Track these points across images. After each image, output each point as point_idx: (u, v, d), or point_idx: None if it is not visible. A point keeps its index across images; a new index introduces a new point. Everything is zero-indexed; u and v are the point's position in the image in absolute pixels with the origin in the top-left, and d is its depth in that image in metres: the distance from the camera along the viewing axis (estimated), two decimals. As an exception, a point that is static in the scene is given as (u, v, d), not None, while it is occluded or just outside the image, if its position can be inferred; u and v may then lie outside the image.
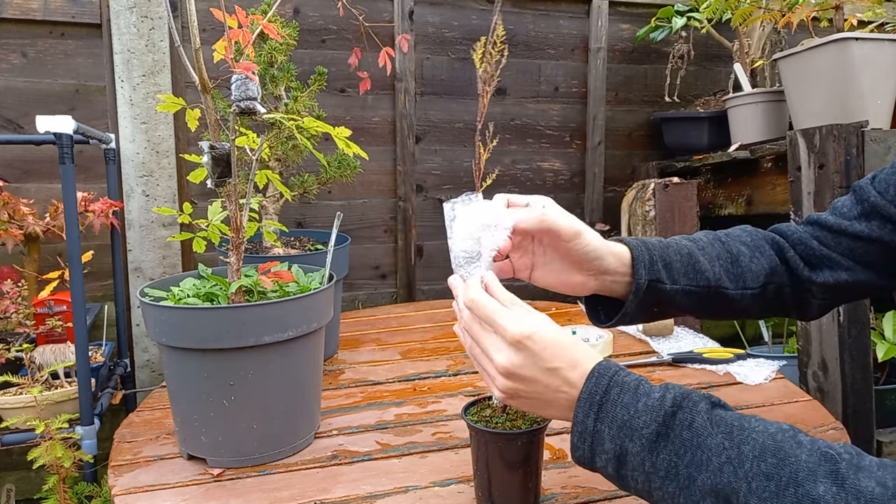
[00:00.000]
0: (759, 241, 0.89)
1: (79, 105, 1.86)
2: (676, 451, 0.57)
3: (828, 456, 0.51)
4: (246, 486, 0.93)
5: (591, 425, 0.61)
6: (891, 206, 0.81)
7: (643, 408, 0.59)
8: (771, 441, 0.54)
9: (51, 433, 1.24)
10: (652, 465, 0.58)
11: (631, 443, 0.59)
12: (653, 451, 0.58)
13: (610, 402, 0.61)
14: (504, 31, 0.75)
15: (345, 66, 1.91)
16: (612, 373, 0.63)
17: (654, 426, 0.58)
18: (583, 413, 0.62)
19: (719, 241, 0.88)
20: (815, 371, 1.62)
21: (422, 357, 1.49)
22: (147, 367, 1.92)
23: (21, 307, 1.48)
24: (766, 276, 0.86)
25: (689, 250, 0.85)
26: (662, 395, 0.60)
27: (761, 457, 0.53)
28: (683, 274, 0.83)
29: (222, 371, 0.94)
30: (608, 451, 0.60)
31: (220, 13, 0.86)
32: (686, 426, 0.57)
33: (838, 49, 1.61)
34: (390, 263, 2.24)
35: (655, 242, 0.84)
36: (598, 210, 2.40)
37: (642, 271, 0.80)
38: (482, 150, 0.78)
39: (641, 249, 0.82)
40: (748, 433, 0.55)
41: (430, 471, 0.96)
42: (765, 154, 1.86)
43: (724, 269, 0.85)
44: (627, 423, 0.59)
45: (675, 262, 0.83)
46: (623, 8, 2.36)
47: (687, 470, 0.56)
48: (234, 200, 0.95)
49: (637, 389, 0.61)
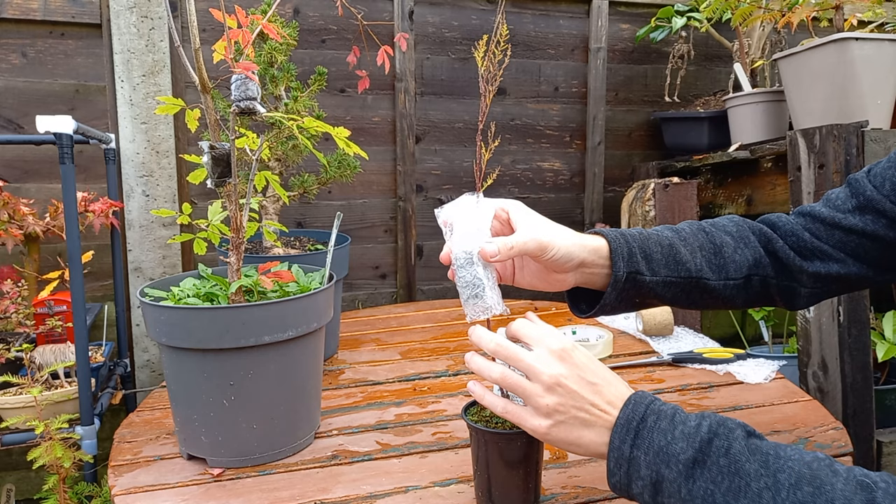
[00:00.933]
0: (745, 232, 0.88)
1: (79, 105, 1.86)
2: (713, 478, 0.57)
3: (864, 485, 0.51)
4: (246, 486, 0.93)
5: (627, 451, 0.61)
6: (886, 200, 0.80)
7: (680, 435, 0.59)
8: (807, 469, 0.54)
9: (51, 433, 1.24)
10: (688, 493, 0.57)
11: (667, 469, 0.59)
12: (689, 478, 0.58)
13: (647, 428, 0.61)
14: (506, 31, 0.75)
15: (345, 66, 1.91)
16: (649, 401, 0.64)
17: (691, 452, 0.58)
18: (619, 439, 0.62)
19: (703, 231, 0.88)
20: (815, 371, 1.62)
21: (422, 357, 1.49)
22: (147, 367, 1.92)
23: (21, 307, 1.48)
24: (748, 268, 0.86)
25: (670, 241, 0.84)
26: (699, 422, 0.60)
27: (797, 485, 0.53)
28: (664, 265, 0.83)
29: (222, 371, 0.94)
30: (644, 477, 0.60)
31: (219, 13, 0.86)
32: (723, 453, 0.57)
33: (838, 49, 1.61)
34: (390, 263, 2.24)
35: (635, 234, 0.84)
36: (598, 210, 2.40)
37: (620, 263, 0.81)
38: (484, 150, 0.78)
39: (620, 241, 0.82)
40: (784, 461, 0.55)
41: (430, 471, 0.96)
42: (765, 154, 1.86)
43: (706, 260, 0.84)
44: (664, 448, 0.59)
45: (655, 253, 0.83)
46: (623, 8, 2.36)
47: (724, 498, 0.56)
48: (234, 200, 0.95)
49: (674, 417, 0.61)
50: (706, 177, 2.16)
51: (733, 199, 2.07)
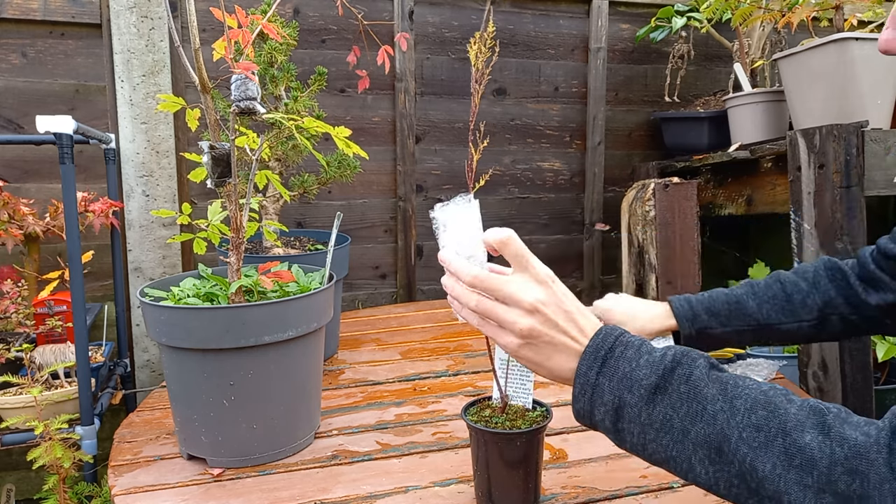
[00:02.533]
0: (819, 276, 0.99)
1: (79, 105, 1.86)
2: (673, 403, 0.58)
3: (817, 409, 0.54)
4: (246, 486, 0.93)
5: (592, 378, 0.63)
6: None
7: (644, 363, 0.61)
8: (763, 396, 0.56)
9: (51, 433, 1.24)
10: (648, 417, 0.59)
11: (629, 394, 0.60)
12: (650, 403, 0.59)
13: (614, 357, 0.63)
14: (502, 30, 0.74)
15: (345, 66, 1.91)
16: (619, 332, 0.65)
17: (654, 378, 0.60)
18: (586, 365, 0.63)
19: (779, 282, 1.00)
20: (815, 371, 1.62)
21: (422, 357, 1.49)
22: (147, 367, 1.92)
23: (21, 307, 1.48)
24: (819, 310, 0.96)
25: (737, 298, 0.99)
26: (664, 352, 0.62)
27: (753, 409, 0.55)
28: (732, 318, 0.98)
29: (222, 371, 0.94)
30: (607, 402, 0.62)
31: (219, 13, 0.86)
32: (684, 380, 0.59)
33: (838, 49, 1.61)
34: (390, 263, 2.24)
35: (703, 297, 1.01)
36: (597, 210, 2.40)
37: (686, 324, 0.98)
38: (473, 151, 0.78)
39: (685, 307, 0.99)
40: (742, 389, 0.57)
41: (430, 471, 0.96)
42: (765, 154, 1.86)
43: (776, 309, 0.98)
44: (628, 375, 0.61)
45: (722, 309, 0.98)
46: (623, 8, 2.36)
47: (682, 423, 0.58)
48: (234, 200, 0.95)
49: (640, 347, 0.63)
50: (706, 177, 2.16)
51: (733, 199, 2.07)
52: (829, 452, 0.50)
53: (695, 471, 0.57)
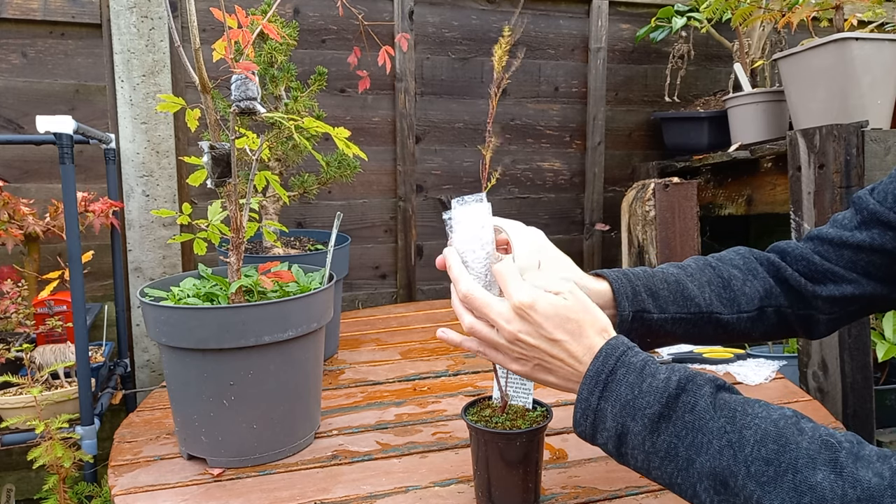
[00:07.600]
0: (752, 264, 0.87)
1: (79, 105, 1.86)
2: (677, 433, 0.58)
3: (828, 444, 0.52)
4: (246, 486, 0.93)
5: (594, 403, 0.62)
6: (890, 212, 0.79)
7: (647, 388, 0.60)
8: (773, 427, 0.55)
9: (51, 433, 1.24)
10: (652, 446, 0.59)
11: (633, 422, 0.60)
12: (654, 432, 0.59)
13: (615, 381, 0.62)
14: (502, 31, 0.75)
15: (345, 66, 1.91)
16: (620, 352, 0.64)
17: (657, 407, 0.59)
18: (587, 390, 0.63)
19: (710, 266, 0.87)
20: (815, 371, 1.62)
21: (422, 357, 1.49)
22: (147, 367, 1.92)
23: (21, 307, 1.48)
24: (760, 299, 0.85)
25: (676, 277, 0.84)
26: (668, 376, 0.61)
27: (762, 442, 0.54)
28: (672, 302, 0.82)
29: (222, 371, 0.94)
30: (609, 429, 0.61)
31: (219, 13, 0.86)
32: (689, 409, 0.58)
33: (838, 49, 1.61)
34: (390, 263, 2.24)
35: (640, 272, 0.84)
36: (598, 210, 2.40)
37: (625, 303, 0.79)
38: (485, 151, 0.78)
39: (622, 281, 0.81)
40: (751, 418, 0.56)
41: (430, 471, 0.96)
42: (765, 154, 1.86)
43: (716, 295, 0.84)
44: (631, 402, 0.60)
45: (662, 290, 0.82)
46: (623, 8, 2.36)
47: (686, 452, 0.57)
48: (234, 200, 0.95)
49: (643, 370, 0.62)
50: (706, 177, 2.16)
51: (733, 199, 2.07)
52: (841, 493, 0.49)
53: (699, 497, 0.56)
